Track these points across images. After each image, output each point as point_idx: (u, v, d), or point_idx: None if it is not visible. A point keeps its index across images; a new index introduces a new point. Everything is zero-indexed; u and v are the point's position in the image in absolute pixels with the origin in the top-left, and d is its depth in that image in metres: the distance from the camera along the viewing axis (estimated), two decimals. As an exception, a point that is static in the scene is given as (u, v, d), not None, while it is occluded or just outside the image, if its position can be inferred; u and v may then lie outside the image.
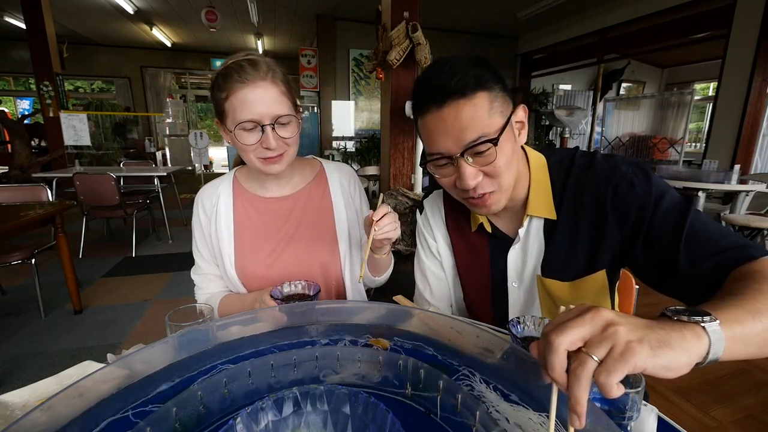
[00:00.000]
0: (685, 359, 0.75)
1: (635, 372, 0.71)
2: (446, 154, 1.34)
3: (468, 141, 1.28)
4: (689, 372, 0.74)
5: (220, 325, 1.26)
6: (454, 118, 1.28)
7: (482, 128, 1.28)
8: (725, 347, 0.80)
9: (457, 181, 1.39)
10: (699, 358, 0.77)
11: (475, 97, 1.27)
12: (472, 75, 1.28)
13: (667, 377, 0.73)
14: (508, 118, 1.33)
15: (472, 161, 1.33)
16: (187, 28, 14.18)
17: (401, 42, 5.16)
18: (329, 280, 1.96)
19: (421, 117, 1.37)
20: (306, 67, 13.00)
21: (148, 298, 5.49)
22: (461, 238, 1.76)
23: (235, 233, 1.89)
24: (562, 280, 1.53)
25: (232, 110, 1.62)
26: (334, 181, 2.02)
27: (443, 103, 1.28)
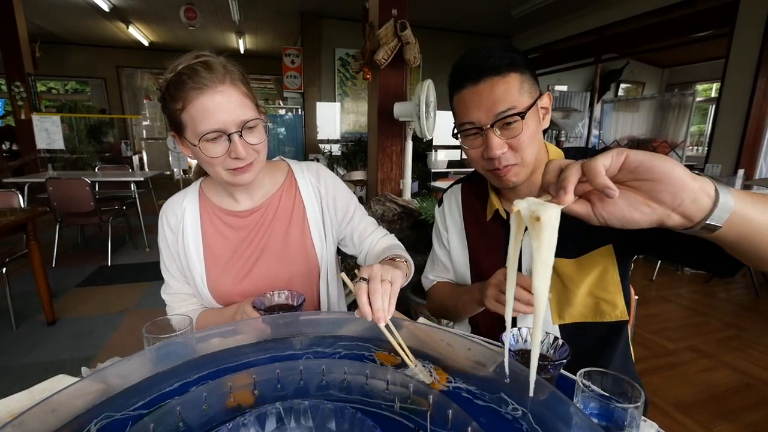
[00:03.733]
0: (680, 171, 0.87)
1: (627, 163, 0.88)
2: (477, 124, 1.53)
3: (499, 111, 1.48)
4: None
5: (199, 338, 1.26)
6: (489, 92, 1.48)
7: (512, 102, 1.48)
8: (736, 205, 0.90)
9: (484, 151, 1.56)
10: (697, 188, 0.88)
11: (508, 76, 1.48)
12: (506, 57, 1.49)
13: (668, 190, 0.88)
14: (534, 101, 1.53)
15: (499, 133, 1.51)
16: (166, 27, 14.15)
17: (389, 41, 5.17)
18: (308, 290, 1.92)
19: (458, 92, 1.59)
20: (290, 67, 13.00)
21: (125, 308, 5.47)
22: (477, 227, 1.91)
23: (204, 250, 1.84)
24: (567, 257, 1.64)
25: (192, 121, 1.54)
26: (303, 183, 1.97)
27: (479, 79, 1.50)
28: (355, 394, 1.14)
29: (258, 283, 1.83)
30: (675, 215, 0.91)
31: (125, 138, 17.40)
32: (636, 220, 0.93)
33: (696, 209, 0.89)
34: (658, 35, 9.80)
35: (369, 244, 2.02)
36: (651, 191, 0.89)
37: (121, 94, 17.76)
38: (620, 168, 0.89)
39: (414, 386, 1.07)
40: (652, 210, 0.91)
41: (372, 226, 2.08)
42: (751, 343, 4.77)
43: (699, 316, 5.52)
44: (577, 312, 1.68)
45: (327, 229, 1.96)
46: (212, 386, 1.06)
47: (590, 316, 1.68)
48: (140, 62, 17.64)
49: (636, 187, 0.91)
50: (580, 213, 0.98)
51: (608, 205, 0.94)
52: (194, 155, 1.63)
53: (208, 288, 1.82)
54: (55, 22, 13.81)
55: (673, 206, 0.90)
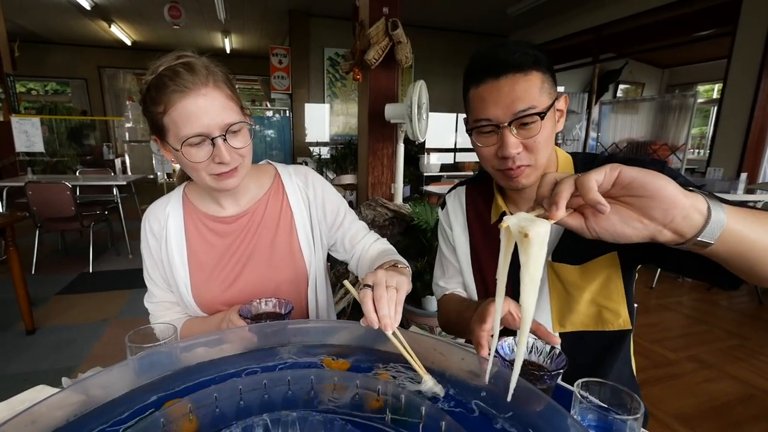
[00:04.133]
0: (672, 188, 0.90)
1: (620, 178, 0.91)
2: (494, 121, 1.51)
3: (518, 110, 1.46)
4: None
5: (184, 347, 1.25)
6: (510, 89, 1.46)
7: (532, 101, 1.46)
8: (729, 222, 0.93)
9: (498, 150, 1.54)
10: (689, 205, 0.91)
11: (530, 74, 1.47)
12: (531, 54, 1.47)
13: (660, 206, 0.91)
14: (553, 102, 1.52)
15: (516, 132, 1.49)
16: (149, 25, 14.16)
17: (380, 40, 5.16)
18: (296, 297, 1.91)
19: (475, 86, 1.55)
20: (277, 68, 13.02)
21: (107, 317, 5.45)
22: (481, 230, 1.91)
23: (188, 258, 1.83)
24: (572, 264, 1.64)
25: (174, 125, 1.52)
26: (290, 187, 1.96)
27: (501, 74, 1.47)
28: (345, 406, 1.14)
29: (244, 291, 1.82)
30: (666, 231, 0.94)
31: (107, 141, 17.41)
32: (628, 235, 0.96)
33: (687, 226, 0.92)
34: (658, 34, 9.84)
35: (361, 248, 2.02)
36: (643, 207, 0.93)
37: (103, 95, 17.75)
38: (613, 183, 0.92)
39: (406, 397, 1.07)
40: (644, 226, 0.94)
41: (363, 231, 2.07)
42: (754, 352, 4.78)
43: (700, 324, 5.54)
44: (578, 320, 1.68)
45: (315, 235, 1.95)
46: (197, 397, 1.06)
47: (592, 324, 1.68)
48: (123, 62, 17.64)
49: (629, 203, 0.95)
50: (573, 226, 1.01)
51: (601, 220, 0.97)
52: (177, 160, 1.62)
53: (192, 296, 1.81)
54: (34, 21, 13.80)
55: (664, 222, 0.93)
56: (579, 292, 1.65)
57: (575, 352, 1.65)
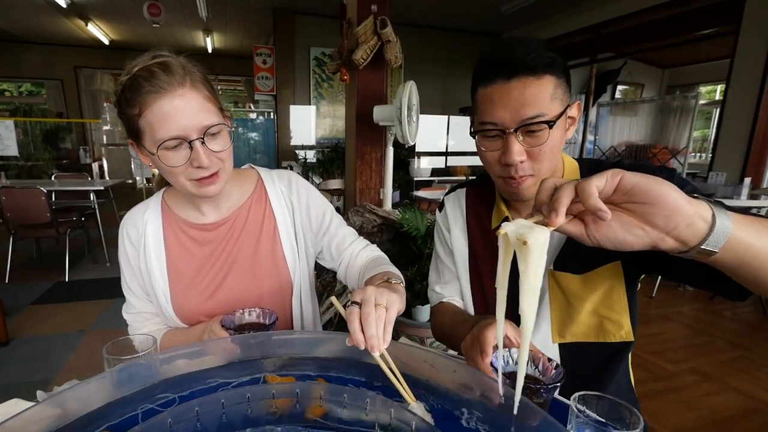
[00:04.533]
0: (676, 195, 0.90)
1: (622, 184, 0.91)
2: (500, 125, 1.49)
3: (526, 117, 1.43)
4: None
5: (164, 359, 1.25)
6: (520, 93, 1.43)
7: (542, 108, 1.43)
8: (734, 230, 0.93)
9: (502, 156, 1.52)
10: (693, 212, 0.91)
11: (543, 78, 1.44)
12: (547, 56, 1.44)
13: (661, 214, 0.91)
14: (565, 109, 1.50)
15: (522, 139, 1.48)
16: (128, 24, 14.10)
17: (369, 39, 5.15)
18: (280, 307, 1.90)
19: (484, 87, 1.52)
20: (261, 68, 13.03)
21: (83, 327, 5.44)
22: (481, 236, 1.90)
23: (168, 267, 1.82)
24: (573, 273, 1.64)
25: (150, 128, 1.51)
26: (273, 192, 1.95)
27: (512, 76, 1.44)
28: (331, 420, 1.15)
29: (226, 302, 1.82)
30: (669, 239, 0.94)
31: (84, 144, 17.32)
32: (629, 242, 0.97)
33: (691, 234, 0.93)
34: (659, 33, 9.87)
35: (349, 255, 2.00)
36: (645, 214, 0.93)
37: (79, 96, 17.66)
38: (615, 189, 0.92)
39: (395, 411, 1.07)
40: (645, 233, 0.94)
41: (351, 236, 2.06)
42: (758, 365, 4.79)
43: (702, 335, 5.55)
44: (579, 331, 1.67)
45: (300, 242, 1.95)
46: (178, 411, 1.06)
47: (593, 335, 1.67)
48: (100, 62, 17.55)
49: (630, 210, 0.95)
50: (572, 233, 1.01)
51: (601, 227, 0.98)
52: (154, 164, 1.62)
53: (172, 307, 1.80)
54: (7, 19, 13.72)
55: (667, 230, 0.93)
56: (580, 302, 1.64)
57: (575, 364, 1.65)
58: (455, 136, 11.03)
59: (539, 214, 0.98)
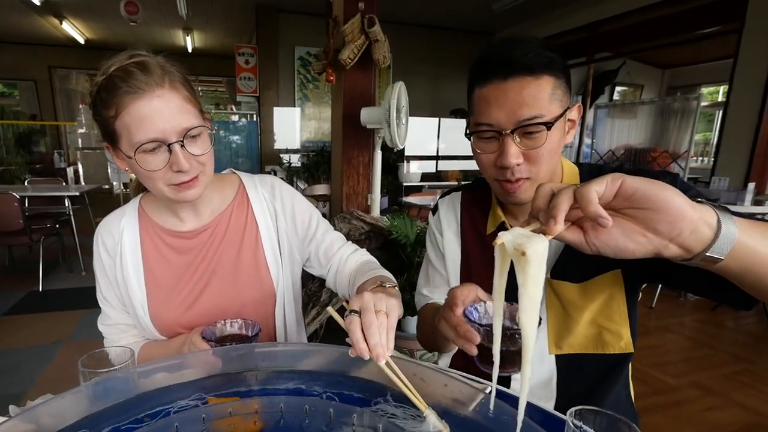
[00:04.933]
0: (680, 200, 0.90)
1: (623, 189, 0.91)
2: (496, 127, 1.50)
3: (523, 118, 1.44)
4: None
5: (142, 372, 1.25)
6: (516, 93, 1.44)
7: (540, 109, 1.44)
8: (740, 236, 0.93)
9: (497, 158, 1.53)
10: (697, 218, 0.91)
11: (541, 78, 1.45)
12: (545, 56, 1.45)
13: (665, 220, 0.90)
14: (565, 110, 1.50)
15: (519, 141, 1.48)
16: (104, 22, 14.08)
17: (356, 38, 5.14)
18: (262, 318, 1.89)
19: (480, 87, 1.53)
20: (243, 68, 13.02)
21: (58, 339, 5.42)
22: (475, 241, 1.90)
23: (145, 277, 1.81)
24: (571, 282, 1.63)
25: (126, 130, 1.50)
26: (255, 198, 1.94)
27: (509, 75, 1.45)
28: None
29: (206, 313, 1.81)
30: (673, 246, 0.94)
31: (58, 147, 17.29)
32: (630, 250, 0.96)
33: (695, 240, 0.92)
34: (659, 32, 9.84)
35: (338, 261, 1.99)
36: (647, 220, 0.92)
37: (53, 97, 17.63)
38: (615, 195, 0.91)
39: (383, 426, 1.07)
40: (648, 240, 0.94)
41: (339, 241, 2.05)
42: (762, 378, 4.79)
43: (704, 348, 5.56)
44: (576, 342, 1.67)
45: (284, 250, 1.94)
46: (156, 427, 1.05)
47: (591, 347, 1.67)
48: (75, 62, 17.53)
49: (632, 216, 0.94)
50: (571, 241, 1.01)
51: (601, 234, 0.97)
52: (131, 168, 1.61)
53: (149, 318, 1.80)
54: (-22, 17, 13.71)
55: (670, 237, 0.92)
56: (578, 311, 1.64)
57: (572, 377, 1.66)
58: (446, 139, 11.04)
59: (536, 221, 0.98)
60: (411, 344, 4.37)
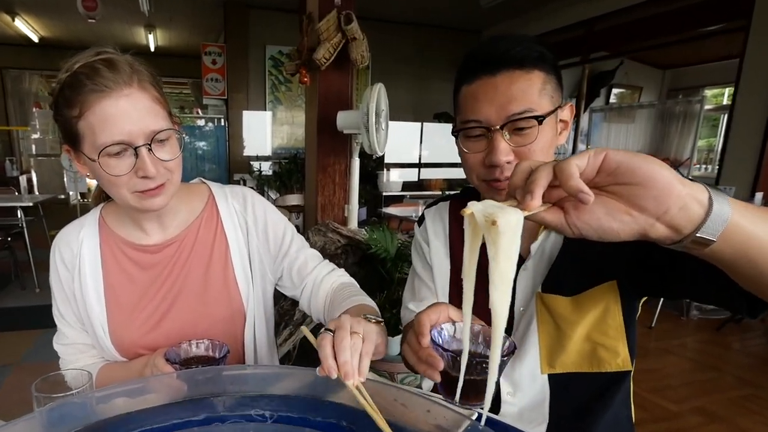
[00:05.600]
0: (667, 173, 0.88)
1: (606, 164, 0.90)
2: (485, 123, 1.53)
3: (513, 112, 1.47)
4: None
5: (101, 397, 1.24)
6: (506, 87, 1.48)
7: (530, 103, 1.48)
8: (734, 216, 0.90)
9: (486, 157, 1.55)
10: (686, 194, 0.88)
11: (531, 72, 1.49)
12: (535, 50, 1.50)
13: (651, 195, 0.89)
14: (555, 108, 1.54)
15: (508, 138, 1.51)
16: (60, 19, 14.00)
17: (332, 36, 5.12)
18: (231, 339, 1.87)
19: (468, 84, 1.57)
20: (210, 68, 13.01)
21: (10, 362, 5.40)
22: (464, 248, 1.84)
23: (106, 294, 1.80)
24: (563, 295, 1.63)
25: (90, 131, 1.50)
26: (226, 210, 1.93)
27: (498, 70, 1.49)
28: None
29: (171, 333, 1.80)
30: (660, 225, 0.92)
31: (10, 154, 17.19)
32: (615, 230, 0.94)
33: (684, 219, 0.89)
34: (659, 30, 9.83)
35: (312, 281, 1.97)
36: (632, 197, 0.90)
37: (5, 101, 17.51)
38: (598, 170, 0.91)
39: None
40: (633, 219, 0.92)
41: (315, 259, 2.03)
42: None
43: (708, 370, 5.57)
44: (570, 360, 1.66)
45: (255, 267, 1.94)
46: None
47: (586, 365, 1.66)
48: (29, 62, 17.41)
49: (616, 193, 0.93)
50: (551, 222, 1.00)
51: (583, 213, 0.96)
52: (93, 174, 1.60)
53: (110, 338, 1.78)
54: None
55: (657, 214, 0.90)
56: (571, 327, 1.63)
57: (566, 398, 1.66)
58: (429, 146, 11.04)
59: (513, 199, 0.98)
60: (391, 366, 4.33)
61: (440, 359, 1.19)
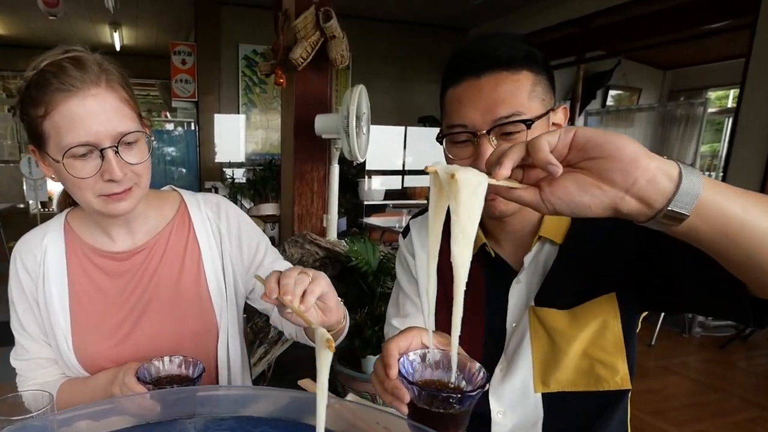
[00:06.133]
0: (634, 147, 0.95)
1: (576, 140, 0.98)
2: (470, 128, 1.52)
3: (499, 116, 1.47)
4: None
5: (63, 420, 1.23)
6: (492, 89, 1.48)
7: (518, 106, 1.47)
8: (705, 193, 0.94)
9: (473, 163, 1.51)
10: (653, 167, 0.94)
11: (519, 73, 1.49)
12: (522, 49, 1.49)
13: (619, 167, 0.95)
14: (547, 111, 1.54)
15: (496, 143, 1.49)
16: (18, 16, 13.92)
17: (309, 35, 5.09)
18: (203, 354, 1.86)
19: (454, 86, 1.58)
20: (180, 69, 12.97)
21: (-38, 382, 5.32)
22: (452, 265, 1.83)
23: (71, 302, 1.79)
24: (558, 308, 1.63)
25: (56, 131, 1.51)
26: (198, 218, 1.93)
27: (483, 71, 1.49)
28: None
29: (140, 346, 1.80)
30: (629, 198, 0.96)
31: (-36, 161, 17.13)
32: (586, 204, 1.00)
33: (653, 191, 0.95)
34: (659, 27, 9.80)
35: None
36: (601, 170, 0.97)
37: (-41, 104, 17.47)
38: (570, 147, 0.98)
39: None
40: (603, 192, 0.98)
41: None
42: (779, 426, 4.76)
43: (711, 391, 5.56)
44: (566, 377, 1.65)
45: (228, 278, 1.94)
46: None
47: (582, 383, 1.65)
48: (-16, 62, 17.36)
49: (587, 168, 0.99)
50: (527, 200, 1.06)
51: (556, 189, 1.02)
52: (58, 176, 1.61)
53: (74, 351, 1.78)
54: None
55: (625, 186, 0.95)
56: (567, 342, 1.63)
57: (561, 419, 1.66)
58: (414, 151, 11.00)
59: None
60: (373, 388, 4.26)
61: (406, 392, 1.18)
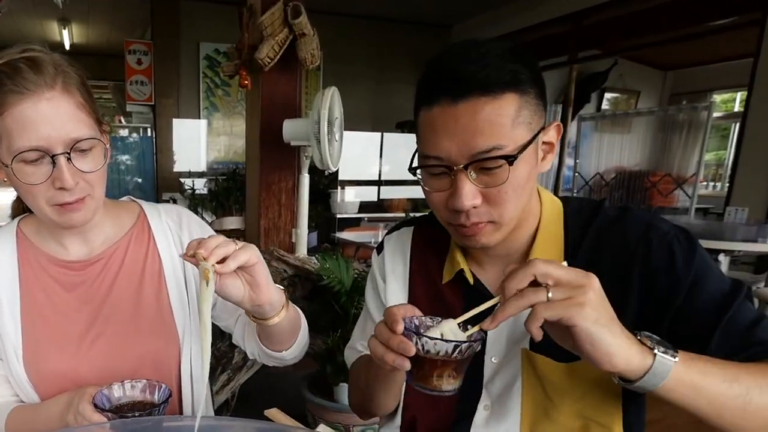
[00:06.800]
0: (614, 350, 1.11)
1: (565, 323, 1.10)
2: (446, 161, 1.45)
3: (478, 150, 1.38)
4: None
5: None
6: (469, 118, 1.37)
7: (499, 138, 1.38)
8: (670, 384, 1.14)
9: (449, 199, 1.47)
10: (629, 367, 1.13)
11: (501, 98, 1.37)
12: (507, 70, 1.38)
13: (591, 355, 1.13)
14: (535, 135, 1.45)
15: (475, 177, 1.42)
16: (-44, 12, 13.91)
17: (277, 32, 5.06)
18: (165, 374, 1.85)
19: (427, 109, 1.48)
20: (135, 70, 12.94)
21: None
22: (427, 290, 1.83)
23: (22, 314, 1.78)
24: (555, 360, 1.57)
25: (7, 134, 1.53)
26: (159, 228, 1.94)
27: (460, 96, 1.38)
28: None
29: (96, 363, 1.79)
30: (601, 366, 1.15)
31: None
32: (569, 345, 1.17)
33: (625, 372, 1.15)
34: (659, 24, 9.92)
35: None
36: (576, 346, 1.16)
37: None
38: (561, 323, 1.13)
39: None
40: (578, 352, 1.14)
41: None
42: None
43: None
44: None
45: (191, 292, 1.93)
46: None
47: None
48: None
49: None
50: None
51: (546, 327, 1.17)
52: (9, 181, 1.62)
53: (24, 367, 1.77)
54: None
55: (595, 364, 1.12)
56: (560, 397, 1.60)
57: None
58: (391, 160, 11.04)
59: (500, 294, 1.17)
60: (347, 418, 4.35)
61: (412, 345, 1.22)
